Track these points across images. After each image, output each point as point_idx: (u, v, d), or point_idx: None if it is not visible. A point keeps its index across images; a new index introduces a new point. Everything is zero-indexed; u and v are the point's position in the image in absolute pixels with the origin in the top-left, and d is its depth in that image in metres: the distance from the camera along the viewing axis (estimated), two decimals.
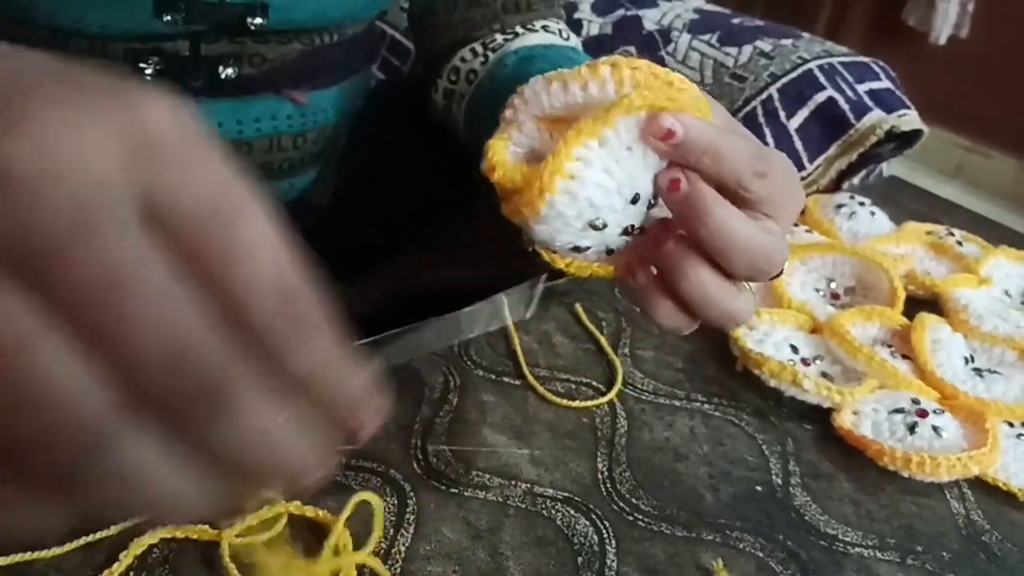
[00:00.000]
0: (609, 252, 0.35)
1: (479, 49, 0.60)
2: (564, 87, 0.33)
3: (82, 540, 0.37)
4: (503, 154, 0.34)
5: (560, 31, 0.61)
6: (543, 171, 0.31)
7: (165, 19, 0.47)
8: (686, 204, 0.32)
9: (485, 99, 0.57)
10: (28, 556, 0.36)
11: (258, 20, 0.50)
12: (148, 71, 0.50)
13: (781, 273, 0.35)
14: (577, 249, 0.34)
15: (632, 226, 0.34)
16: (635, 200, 0.33)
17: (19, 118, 0.17)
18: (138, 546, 0.37)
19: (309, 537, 0.39)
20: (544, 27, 0.61)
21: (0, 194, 0.17)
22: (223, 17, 0.49)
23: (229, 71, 0.51)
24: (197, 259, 0.19)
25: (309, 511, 0.40)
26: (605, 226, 0.33)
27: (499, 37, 0.60)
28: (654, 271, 0.34)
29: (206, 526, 0.39)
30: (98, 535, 0.38)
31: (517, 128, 0.34)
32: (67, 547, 0.37)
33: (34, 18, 0.47)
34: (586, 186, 0.31)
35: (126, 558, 0.37)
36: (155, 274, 0.18)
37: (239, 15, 0.49)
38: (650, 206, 0.34)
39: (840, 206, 0.71)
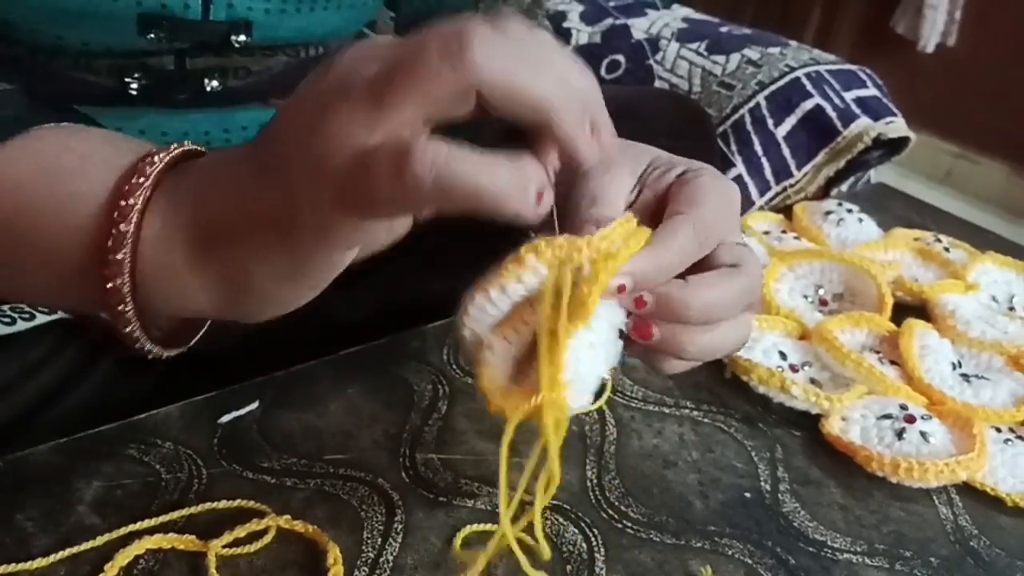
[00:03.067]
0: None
1: None
2: (502, 291, 0.34)
3: (67, 551, 0.37)
4: (493, 383, 0.35)
5: None
6: (545, 396, 0.33)
7: (149, 37, 0.47)
8: (665, 319, 0.35)
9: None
10: (12, 568, 0.36)
11: (242, 37, 0.50)
12: (133, 86, 0.50)
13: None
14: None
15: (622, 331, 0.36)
16: (620, 334, 0.36)
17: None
18: (123, 557, 0.37)
19: (297, 549, 0.39)
20: None
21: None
22: (207, 34, 0.49)
23: (215, 84, 0.51)
24: None
25: (298, 525, 0.40)
26: (607, 364, 0.35)
27: None
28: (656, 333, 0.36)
29: (192, 537, 0.38)
30: (83, 546, 0.37)
31: (488, 349, 0.35)
32: (52, 558, 0.37)
33: (14, 36, 0.47)
34: (582, 365, 0.34)
35: (111, 569, 0.36)
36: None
37: (223, 32, 0.49)
38: (629, 314, 0.36)
39: (828, 213, 0.71)
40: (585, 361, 0.34)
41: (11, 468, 0.42)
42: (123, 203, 0.33)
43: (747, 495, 0.45)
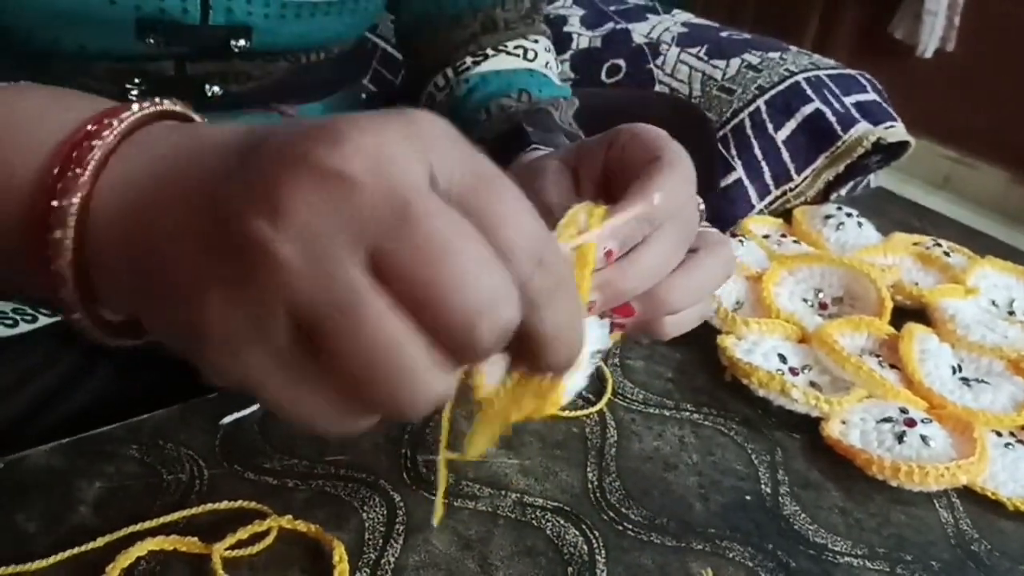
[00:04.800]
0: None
1: (450, 75, 0.62)
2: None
3: (68, 553, 0.37)
4: (492, 391, 0.35)
5: (526, 51, 0.62)
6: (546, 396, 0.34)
7: (148, 41, 0.47)
8: (651, 316, 0.38)
9: None
10: (13, 569, 0.36)
11: (241, 42, 0.50)
12: (133, 92, 0.50)
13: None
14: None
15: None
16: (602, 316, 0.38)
17: (338, 136, 0.23)
18: (125, 558, 0.37)
19: (299, 550, 0.39)
20: (516, 46, 0.62)
21: (338, 188, 0.23)
22: (206, 40, 0.49)
23: (215, 89, 0.51)
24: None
25: (300, 525, 0.40)
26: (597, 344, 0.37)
27: (468, 60, 0.61)
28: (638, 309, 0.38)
29: (195, 539, 0.38)
30: (84, 547, 0.37)
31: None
32: (53, 560, 0.37)
33: (10, 40, 0.47)
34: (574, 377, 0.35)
35: (112, 570, 0.36)
36: (474, 240, 0.24)
37: (222, 37, 0.49)
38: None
39: (828, 217, 0.72)
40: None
41: (12, 469, 0.42)
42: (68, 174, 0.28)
43: (747, 498, 0.45)
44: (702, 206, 0.41)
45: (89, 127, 0.28)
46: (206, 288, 0.24)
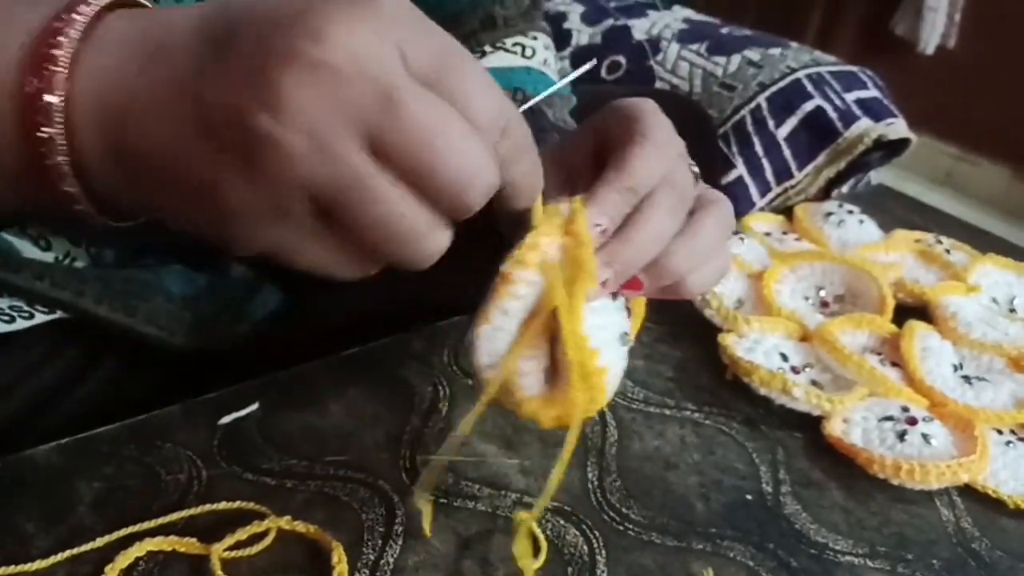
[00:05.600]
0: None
1: None
2: (504, 313, 0.35)
3: (67, 553, 0.37)
4: (535, 404, 0.36)
5: (525, 48, 0.62)
6: (587, 398, 0.35)
7: None
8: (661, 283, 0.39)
9: None
10: (12, 570, 0.36)
11: None
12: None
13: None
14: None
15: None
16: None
17: (316, 30, 0.25)
18: (124, 559, 0.37)
19: (298, 551, 0.39)
20: (515, 44, 0.61)
21: (329, 80, 0.25)
22: None
23: None
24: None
25: (299, 525, 0.40)
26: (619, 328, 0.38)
27: None
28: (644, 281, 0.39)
29: (194, 539, 0.38)
30: (83, 547, 0.37)
31: (519, 376, 0.36)
32: (52, 560, 0.37)
33: None
34: (602, 333, 0.35)
35: (111, 571, 0.36)
36: (453, 118, 0.27)
37: None
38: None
39: (829, 214, 0.71)
40: (601, 330, 0.35)
41: (11, 469, 0.42)
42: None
43: (749, 497, 0.45)
44: (695, 168, 0.41)
45: (55, 23, 0.29)
46: (221, 181, 0.27)
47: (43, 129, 0.29)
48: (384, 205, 0.27)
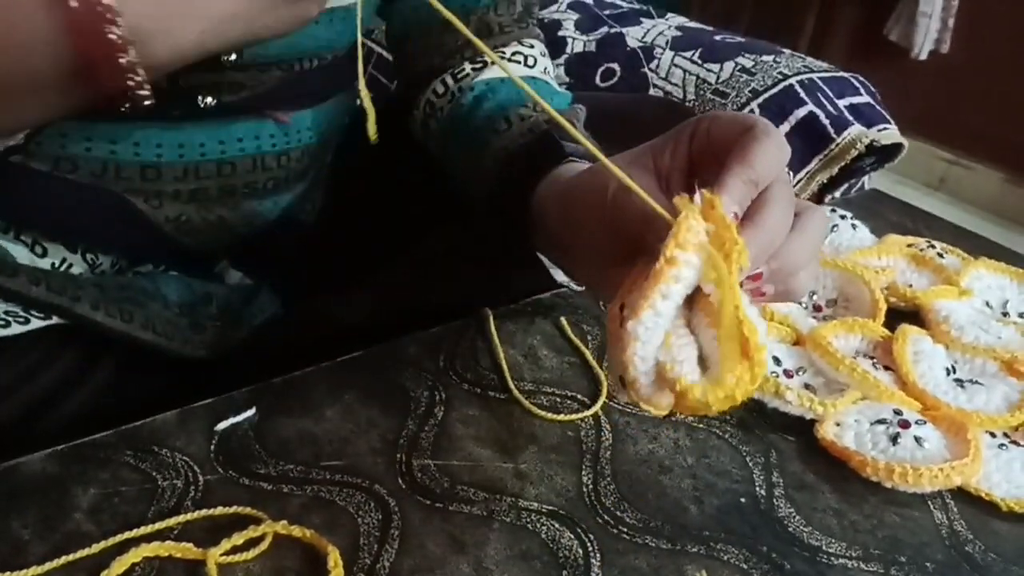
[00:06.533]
0: None
1: (449, 82, 0.61)
2: (665, 298, 0.34)
3: (63, 559, 0.37)
4: (698, 389, 0.35)
5: (526, 58, 0.62)
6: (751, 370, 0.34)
7: None
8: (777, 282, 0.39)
9: (451, 145, 0.60)
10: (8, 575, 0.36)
11: (232, 56, 0.50)
12: (126, 104, 0.50)
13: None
14: None
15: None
16: None
17: None
18: (120, 565, 0.37)
19: (295, 556, 0.39)
20: (515, 53, 0.62)
21: None
22: None
23: (208, 100, 0.51)
24: None
25: (295, 530, 0.40)
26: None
27: (467, 66, 0.61)
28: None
29: (190, 545, 0.38)
30: (79, 554, 0.37)
31: (675, 364, 0.35)
32: (47, 566, 0.37)
33: None
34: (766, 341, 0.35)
35: None
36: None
37: None
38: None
39: None
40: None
41: (7, 475, 0.42)
42: None
43: (742, 500, 0.45)
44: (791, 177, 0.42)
45: None
46: None
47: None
48: None
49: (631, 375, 0.36)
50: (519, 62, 0.61)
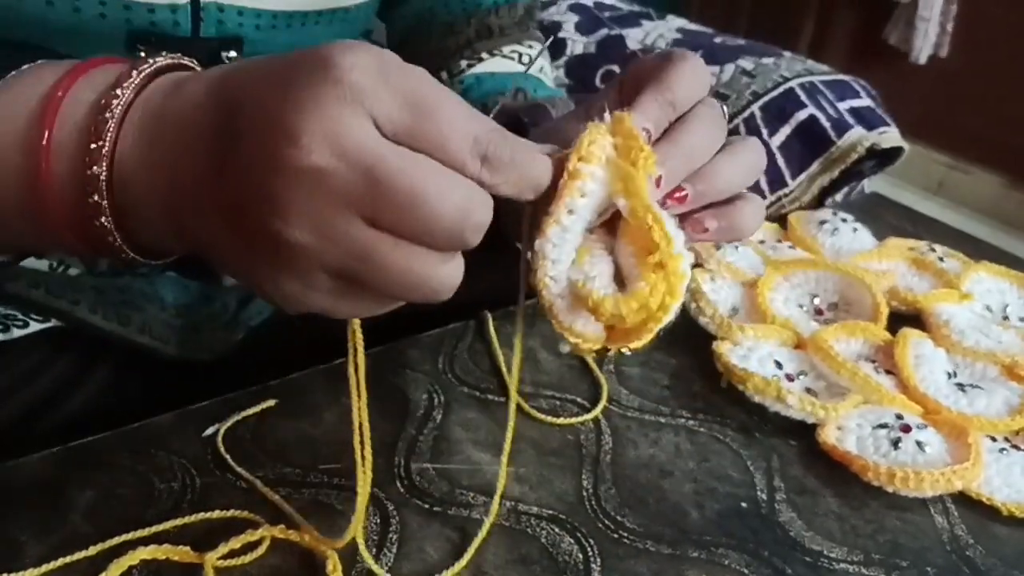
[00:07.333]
0: None
1: (444, 79, 0.61)
2: (571, 212, 0.34)
3: (60, 561, 0.37)
4: (612, 301, 0.34)
5: (521, 56, 0.62)
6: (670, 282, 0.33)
7: (139, 54, 0.47)
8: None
9: None
10: None
11: (232, 54, 0.49)
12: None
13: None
14: None
15: None
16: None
17: (293, 132, 0.29)
18: (117, 567, 0.37)
19: (292, 559, 0.39)
20: (511, 51, 0.62)
21: (315, 179, 0.29)
22: (197, 52, 0.49)
23: None
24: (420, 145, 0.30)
25: (293, 534, 0.39)
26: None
27: (463, 63, 0.61)
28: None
29: (187, 548, 0.38)
30: (76, 556, 0.37)
31: (587, 280, 0.35)
32: (44, 568, 0.37)
33: (1, 51, 0.47)
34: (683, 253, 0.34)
35: None
36: (433, 170, 0.30)
37: (213, 49, 0.49)
38: None
39: (823, 222, 0.72)
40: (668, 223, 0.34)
41: (4, 477, 0.42)
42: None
43: (743, 505, 0.45)
44: (726, 110, 0.41)
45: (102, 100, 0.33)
46: (252, 266, 0.32)
47: (93, 198, 0.33)
48: (393, 264, 0.30)
49: (546, 299, 0.35)
50: (514, 59, 0.61)
